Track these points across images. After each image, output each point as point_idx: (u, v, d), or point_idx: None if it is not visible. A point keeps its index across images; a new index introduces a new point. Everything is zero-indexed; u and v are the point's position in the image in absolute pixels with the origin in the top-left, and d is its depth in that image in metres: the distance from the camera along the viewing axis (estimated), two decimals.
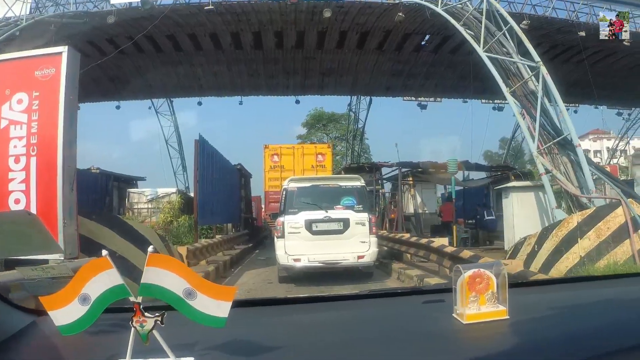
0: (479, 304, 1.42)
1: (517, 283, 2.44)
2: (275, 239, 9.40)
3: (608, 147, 57.61)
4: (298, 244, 8.89)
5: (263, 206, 30.27)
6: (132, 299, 1.11)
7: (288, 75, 23.38)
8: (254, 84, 24.61)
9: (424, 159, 19.72)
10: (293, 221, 9.04)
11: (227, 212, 16.15)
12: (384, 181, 20.20)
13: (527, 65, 12.11)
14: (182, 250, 9.71)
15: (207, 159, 13.59)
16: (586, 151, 22.35)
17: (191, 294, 1.11)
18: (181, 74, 23.33)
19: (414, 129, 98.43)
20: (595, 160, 41.20)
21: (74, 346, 1.27)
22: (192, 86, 25.12)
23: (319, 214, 9.03)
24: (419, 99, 26.73)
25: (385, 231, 15.31)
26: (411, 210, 18.99)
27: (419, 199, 19.01)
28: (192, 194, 16.28)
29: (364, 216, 9.12)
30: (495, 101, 27.23)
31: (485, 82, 24.89)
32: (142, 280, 1.09)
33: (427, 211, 19.24)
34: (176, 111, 30.03)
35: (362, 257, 8.92)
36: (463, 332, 1.36)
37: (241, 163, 19.94)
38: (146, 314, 1.11)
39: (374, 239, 9.16)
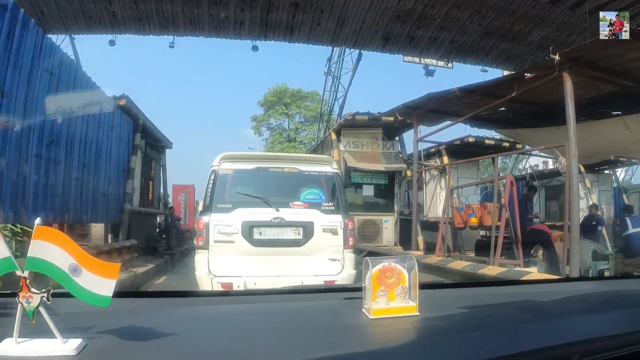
0: (388, 299, 1.42)
1: (430, 284, 2.42)
2: (196, 250, 6.30)
3: None
4: (230, 260, 6.07)
5: (200, 203, 23.31)
6: (18, 273, 1.09)
7: (243, 3, 15.95)
8: (192, 16, 17.00)
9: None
10: (223, 223, 6.14)
11: (62, 196, 7.89)
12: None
13: None
14: None
15: None
16: None
17: (76, 270, 1.10)
18: None
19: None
20: None
21: None
22: (101, 15, 17.26)
23: (265, 214, 6.20)
24: (425, 61, 19.55)
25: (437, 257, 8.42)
26: (438, 213, 11.38)
27: (454, 194, 11.50)
28: None
29: (337, 220, 6.40)
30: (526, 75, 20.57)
31: (518, 42, 19.19)
32: (29, 254, 1.08)
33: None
34: (79, 54, 20.56)
35: (331, 283, 6.07)
36: (367, 327, 1.36)
37: (128, 95, 11.74)
38: (32, 289, 1.09)
39: (349, 256, 6.40)
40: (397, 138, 12.92)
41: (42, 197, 7.01)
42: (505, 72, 20.68)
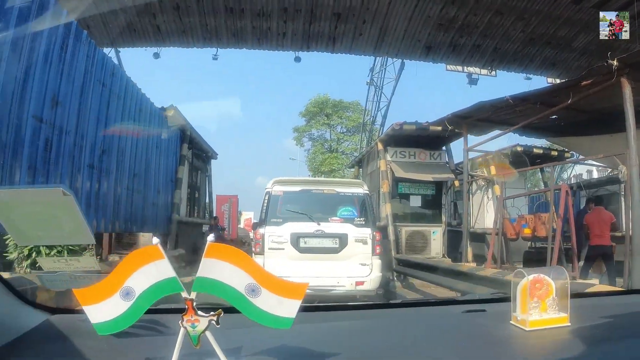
0: (541, 311, 1.44)
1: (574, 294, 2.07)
2: (253, 255, 7.67)
3: None
4: (280, 264, 7.33)
5: (245, 214, 23.22)
6: (184, 295, 1.02)
7: (286, 14, 15.96)
8: (235, 29, 17.12)
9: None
10: (276, 234, 7.66)
11: (113, 205, 8.13)
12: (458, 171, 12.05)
13: None
14: None
15: None
16: None
17: (255, 290, 1.03)
18: (131, 11, 16.04)
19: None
20: None
21: (99, 347, 1.11)
22: (146, 29, 17.70)
23: (309, 227, 7.71)
24: (468, 69, 19.16)
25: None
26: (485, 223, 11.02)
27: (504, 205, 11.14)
28: None
29: (366, 232, 7.79)
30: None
31: (563, 48, 18.56)
32: (198, 274, 1.01)
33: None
34: (125, 68, 21.24)
35: (361, 283, 7.60)
36: (526, 339, 1.36)
37: (175, 106, 11.98)
38: (199, 312, 1.02)
39: (377, 262, 7.77)
40: (444, 148, 12.71)
41: (94, 206, 7.17)
42: (550, 79, 20.15)
